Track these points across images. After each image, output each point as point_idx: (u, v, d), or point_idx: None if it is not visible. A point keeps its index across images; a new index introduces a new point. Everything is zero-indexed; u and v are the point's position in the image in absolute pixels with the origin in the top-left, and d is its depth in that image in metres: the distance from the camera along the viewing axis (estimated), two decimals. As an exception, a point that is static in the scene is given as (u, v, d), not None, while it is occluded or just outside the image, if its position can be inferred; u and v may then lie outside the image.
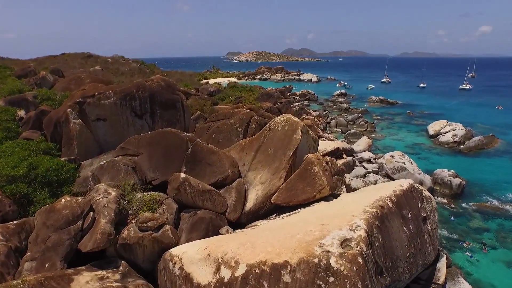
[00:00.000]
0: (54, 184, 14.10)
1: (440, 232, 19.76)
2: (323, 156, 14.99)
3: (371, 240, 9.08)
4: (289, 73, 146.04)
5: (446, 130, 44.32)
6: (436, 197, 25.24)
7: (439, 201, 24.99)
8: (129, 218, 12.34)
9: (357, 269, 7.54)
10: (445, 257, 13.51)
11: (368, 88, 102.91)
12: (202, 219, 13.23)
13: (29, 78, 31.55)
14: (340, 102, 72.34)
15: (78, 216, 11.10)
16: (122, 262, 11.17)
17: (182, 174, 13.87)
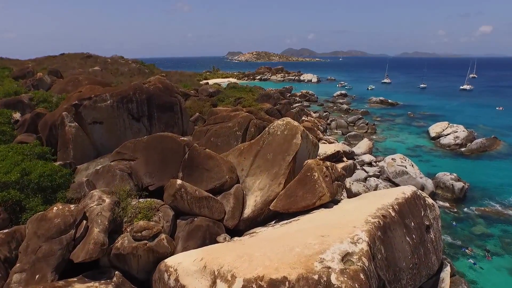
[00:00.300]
0: (48, 190, 13.68)
1: (442, 238, 19.40)
2: (323, 160, 14.64)
3: (373, 252, 8.73)
4: (289, 73, 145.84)
5: (447, 132, 43.92)
6: (438, 201, 24.84)
7: (441, 205, 24.55)
8: (124, 225, 11.98)
9: (359, 286, 7.19)
10: (449, 266, 13.15)
11: (368, 88, 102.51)
12: (199, 227, 12.88)
13: (26, 80, 31.14)
14: (340, 103, 72.04)
15: (70, 225, 10.72)
16: (116, 272, 10.79)
17: (179, 181, 13.51)
